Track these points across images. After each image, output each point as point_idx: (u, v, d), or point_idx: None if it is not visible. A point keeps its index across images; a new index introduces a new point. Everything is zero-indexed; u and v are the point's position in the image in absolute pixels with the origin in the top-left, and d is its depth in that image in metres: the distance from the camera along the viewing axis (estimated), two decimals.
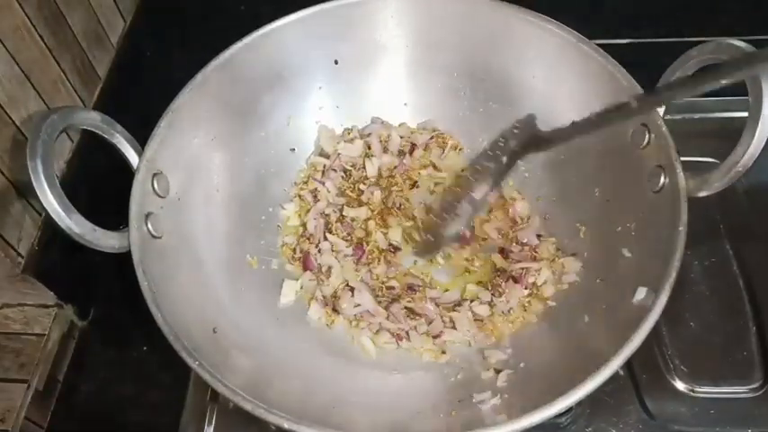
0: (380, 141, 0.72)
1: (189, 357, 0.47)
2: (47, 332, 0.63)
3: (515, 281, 0.62)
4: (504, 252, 0.65)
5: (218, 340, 0.54)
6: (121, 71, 0.78)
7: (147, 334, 0.63)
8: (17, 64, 0.59)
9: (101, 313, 0.68)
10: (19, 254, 0.59)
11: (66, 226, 0.51)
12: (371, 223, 0.67)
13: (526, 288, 0.62)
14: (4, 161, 0.56)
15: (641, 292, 0.50)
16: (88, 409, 0.62)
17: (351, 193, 0.70)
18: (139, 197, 0.54)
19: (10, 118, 0.58)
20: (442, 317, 0.61)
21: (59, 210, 0.50)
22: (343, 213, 0.68)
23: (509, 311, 0.61)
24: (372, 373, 0.59)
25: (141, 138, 0.58)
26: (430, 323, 0.61)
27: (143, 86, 0.80)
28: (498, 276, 0.63)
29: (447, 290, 0.64)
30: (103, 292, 0.69)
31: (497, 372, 0.55)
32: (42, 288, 0.62)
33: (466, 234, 0.64)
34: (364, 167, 0.71)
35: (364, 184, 0.70)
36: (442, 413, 0.52)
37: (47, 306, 0.64)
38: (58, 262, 0.63)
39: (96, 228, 0.52)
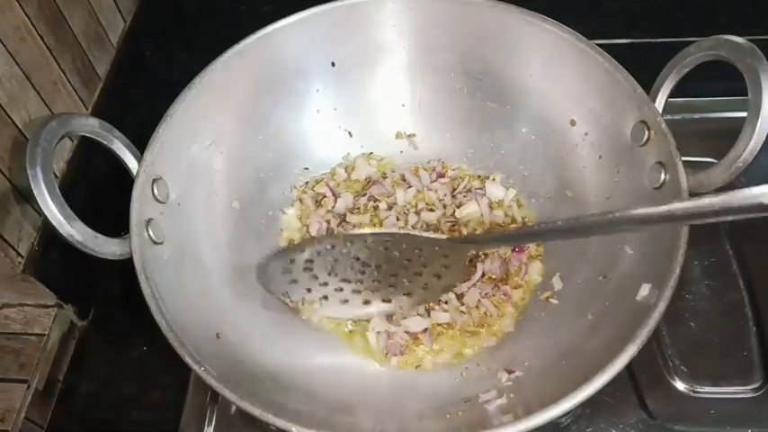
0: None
1: (194, 363, 0.47)
2: (47, 332, 0.63)
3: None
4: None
5: (222, 345, 0.54)
6: (121, 71, 0.78)
7: (147, 334, 0.63)
8: (17, 64, 0.59)
9: (101, 313, 0.68)
10: (19, 254, 0.59)
11: (67, 233, 0.51)
12: (368, 228, 0.67)
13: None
14: (4, 162, 0.56)
15: (645, 289, 0.50)
16: (88, 409, 0.62)
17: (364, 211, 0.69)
18: (139, 203, 0.54)
19: (10, 118, 0.58)
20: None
21: (60, 217, 0.50)
22: (347, 219, 0.68)
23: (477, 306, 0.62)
24: (377, 374, 0.59)
25: (141, 138, 0.58)
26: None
27: (143, 86, 0.80)
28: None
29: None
30: (103, 292, 0.69)
31: (502, 371, 0.55)
32: (42, 288, 0.62)
33: None
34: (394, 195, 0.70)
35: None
36: (448, 413, 0.52)
37: (47, 306, 0.64)
38: (58, 262, 0.63)
39: (98, 235, 0.52)
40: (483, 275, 0.63)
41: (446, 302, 0.62)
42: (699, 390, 0.59)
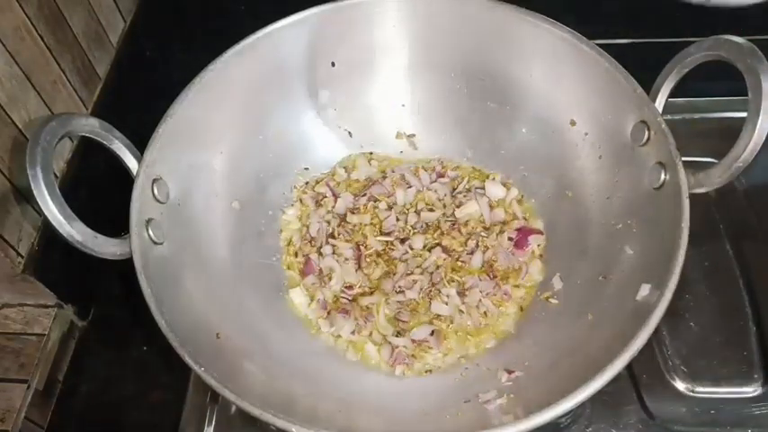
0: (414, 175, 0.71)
1: (194, 364, 0.47)
2: (47, 332, 0.63)
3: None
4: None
5: (222, 345, 0.54)
6: (121, 71, 0.78)
7: (147, 334, 0.63)
8: (17, 64, 0.59)
9: (101, 313, 0.68)
10: (19, 254, 0.59)
11: (66, 233, 0.51)
12: (368, 228, 0.67)
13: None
14: (4, 162, 0.56)
15: (645, 289, 0.50)
16: (88, 409, 0.62)
17: (364, 211, 0.69)
18: (139, 203, 0.54)
19: (10, 118, 0.58)
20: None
21: (60, 218, 0.50)
22: (347, 219, 0.68)
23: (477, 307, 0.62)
24: (378, 375, 0.59)
25: (141, 138, 0.58)
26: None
27: (143, 86, 0.80)
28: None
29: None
30: (103, 292, 0.69)
31: (502, 371, 0.55)
32: (42, 288, 0.62)
33: None
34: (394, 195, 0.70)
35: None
36: (448, 414, 0.52)
37: (47, 306, 0.64)
38: (58, 262, 0.63)
39: (97, 235, 0.52)
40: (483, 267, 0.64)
41: (447, 296, 0.62)
42: (699, 390, 0.59)
